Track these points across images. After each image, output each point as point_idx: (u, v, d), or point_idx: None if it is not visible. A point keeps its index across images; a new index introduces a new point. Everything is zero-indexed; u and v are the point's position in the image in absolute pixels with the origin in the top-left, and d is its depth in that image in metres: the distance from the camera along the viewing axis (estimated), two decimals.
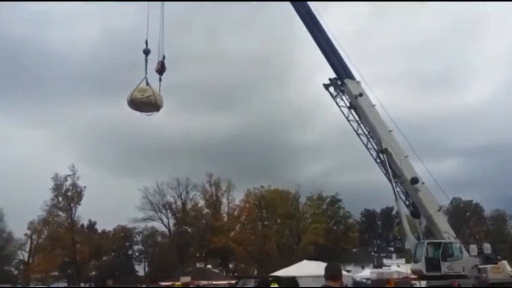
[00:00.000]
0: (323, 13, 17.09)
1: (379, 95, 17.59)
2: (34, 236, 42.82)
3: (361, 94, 16.64)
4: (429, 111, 53.31)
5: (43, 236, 42.01)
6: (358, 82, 16.87)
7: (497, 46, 65.33)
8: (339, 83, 16.92)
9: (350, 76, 16.91)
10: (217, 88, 45.99)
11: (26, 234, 42.34)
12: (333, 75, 17.14)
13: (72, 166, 39.32)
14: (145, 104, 15.65)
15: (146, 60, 14.16)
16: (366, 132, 16.93)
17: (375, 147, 16.81)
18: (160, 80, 15.35)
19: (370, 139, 16.87)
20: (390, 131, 16.68)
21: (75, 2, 45.33)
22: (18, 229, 41.59)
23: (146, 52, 14.53)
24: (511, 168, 53.34)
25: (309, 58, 45.34)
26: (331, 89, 17.10)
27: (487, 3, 50.56)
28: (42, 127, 52.84)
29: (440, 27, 59.86)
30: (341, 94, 17.00)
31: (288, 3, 16.96)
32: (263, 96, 48.48)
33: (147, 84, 15.44)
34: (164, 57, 15.36)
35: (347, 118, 17.08)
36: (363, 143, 16.95)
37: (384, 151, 16.46)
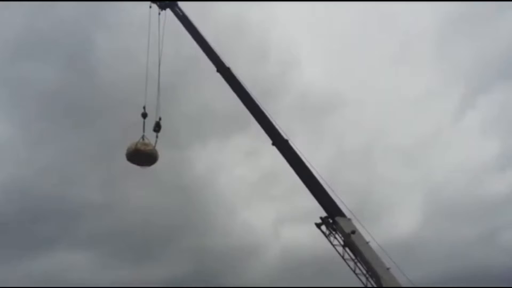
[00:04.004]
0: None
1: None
2: None
3: (353, 232, 16.52)
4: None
5: None
6: (349, 219, 16.88)
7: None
8: (331, 221, 16.87)
9: (340, 213, 16.97)
10: (136, 238, 42.49)
11: None
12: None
13: None
14: (147, 155, 19.45)
15: (143, 122, 19.60)
16: (365, 271, 16.32)
17: (375, 286, 16.15)
18: (156, 137, 19.47)
19: (369, 278, 16.25)
20: (388, 268, 16.08)
21: None
22: None
23: (144, 115, 19.89)
24: None
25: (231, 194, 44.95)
26: (323, 227, 16.96)
27: None
28: None
29: None
30: (333, 232, 16.83)
31: None
32: (189, 241, 44.90)
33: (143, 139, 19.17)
34: (160, 118, 19.77)
35: (342, 257, 16.60)
36: (363, 283, 16.22)
37: None
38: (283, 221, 43.70)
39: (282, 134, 18.38)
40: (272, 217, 45.23)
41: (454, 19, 47.20)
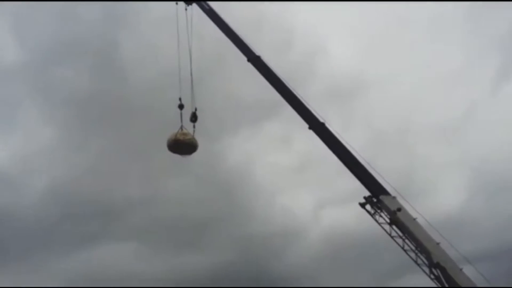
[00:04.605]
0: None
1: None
2: None
3: (399, 209, 16.37)
4: None
5: None
6: (394, 197, 16.71)
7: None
8: (375, 200, 16.78)
9: (384, 192, 16.84)
10: (177, 229, 43.02)
11: None
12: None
13: None
14: (187, 144, 19.82)
15: (181, 113, 19.99)
16: (413, 248, 16.23)
17: (426, 262, 16.03)
18: (194, 127, 20.08)
19: (419, 254, 16.15)
20: (437, 243, 15.88)
21: None
22: None
23: (180, 107, 20.13)
24: None
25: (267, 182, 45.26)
26: (368, 207, 16.90)
27: None
28: None
29: None
30: (379, 211, 16.75)
31: None
32: (230, 230, 45.07)
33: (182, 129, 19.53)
34: (196, 109, 20.35)
35: (390, 234, 16.54)
36: (413, 260, 16.12)
37: (437, 265, 15.71)
38: (322, 204, 43.75)
39: (318, 117, 18.31)
40: (311, 201, 45.34)
41: None
